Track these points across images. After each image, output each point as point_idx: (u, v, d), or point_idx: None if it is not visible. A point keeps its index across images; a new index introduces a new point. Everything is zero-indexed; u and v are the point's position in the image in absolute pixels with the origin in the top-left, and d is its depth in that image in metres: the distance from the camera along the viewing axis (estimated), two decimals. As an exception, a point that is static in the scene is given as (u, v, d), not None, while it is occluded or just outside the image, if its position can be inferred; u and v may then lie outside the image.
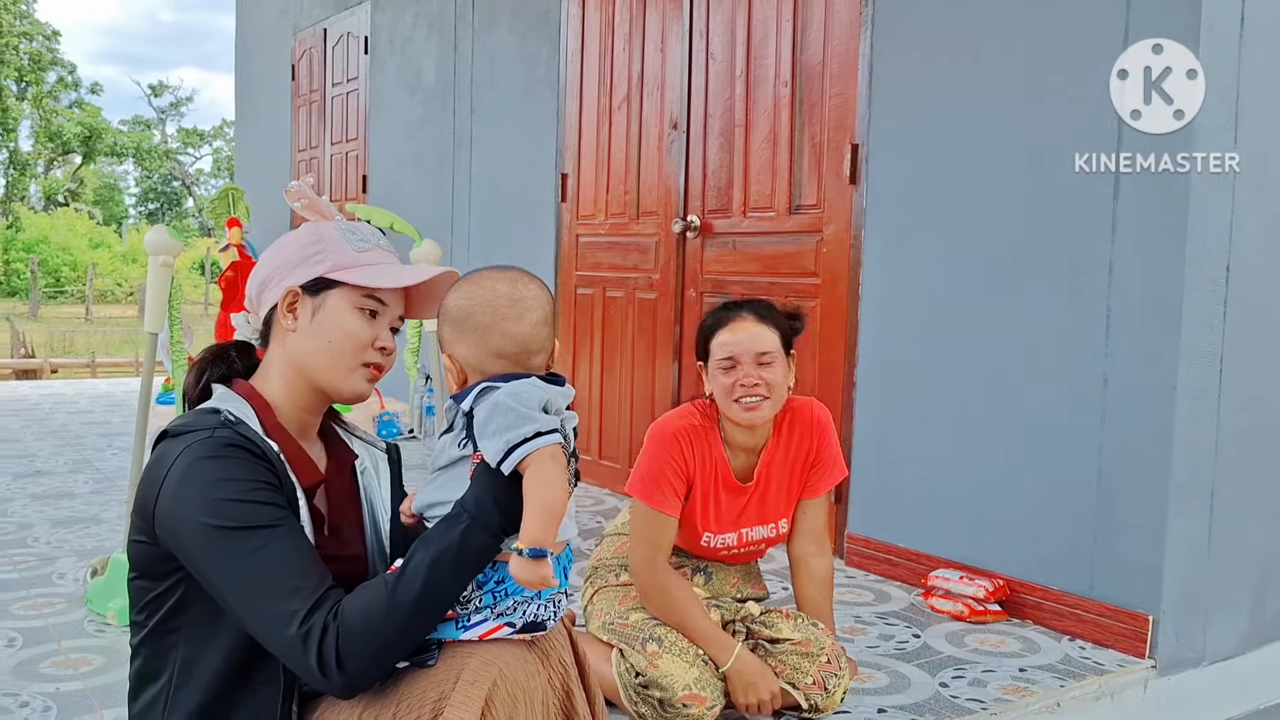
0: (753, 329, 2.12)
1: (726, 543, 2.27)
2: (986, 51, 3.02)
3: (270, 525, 1.32)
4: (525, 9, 5.07)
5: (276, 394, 1.48)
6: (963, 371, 3.10)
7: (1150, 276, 2.65)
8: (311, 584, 1.31)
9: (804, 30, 3.61)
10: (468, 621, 1.37)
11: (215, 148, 48.38)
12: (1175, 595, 2.67)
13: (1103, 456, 2.75)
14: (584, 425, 4.68)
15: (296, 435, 1.49)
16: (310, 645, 1.27)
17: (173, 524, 1.34)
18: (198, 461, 1.34)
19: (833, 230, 3.51)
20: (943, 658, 2.64)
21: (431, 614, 1.34)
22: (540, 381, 1.41)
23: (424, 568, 1.32)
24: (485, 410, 1.36)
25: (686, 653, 2.09)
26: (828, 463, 2.30)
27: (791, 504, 2.30)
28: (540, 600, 1.41)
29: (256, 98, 8.58)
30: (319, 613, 1.29)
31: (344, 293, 1.47)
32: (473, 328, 1.42)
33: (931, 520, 3.19)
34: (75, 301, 31.42)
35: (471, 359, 1.43)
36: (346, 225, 1.52)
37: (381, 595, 1.31)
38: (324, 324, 1.46)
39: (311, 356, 1.47)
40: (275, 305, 1.49)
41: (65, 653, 2.54)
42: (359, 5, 6.74)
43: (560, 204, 4.81)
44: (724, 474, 2.23)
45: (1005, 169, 2.97)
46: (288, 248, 1.51)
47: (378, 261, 1.50)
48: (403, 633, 1.32)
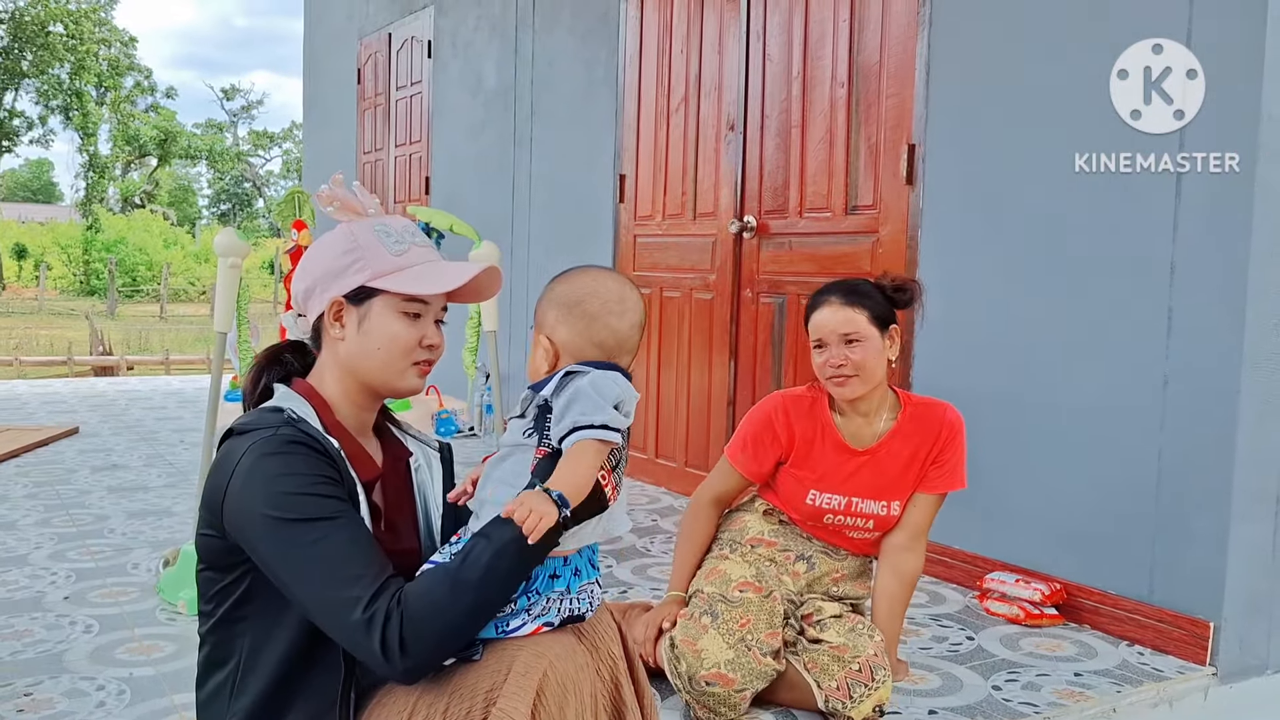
0: (839, 312, 2.25)
1: (833, 504, 2.32)
2: (1044, 52, 2.99)
3: (332, 517, 1.37)
4: (584, 11, 5.12)
5: (333, 393, 1.54)
6: (1020, 373, 3.07)
7: (1213, 277, 2.61)
8: (374, 572, 1.35)
9: (861, 31, 3.60)
10: (506, 626, 1.42)
11: (285, 149, 49.36)
12: (1238, 601, 2.62)
13: (1163, 459, 2.71)
14: (640, 424, 4.72)
15: (355, 432, 1.54)
16: (374, 630, 1.31)
17: (239, 518, 1.39)
18: (263, 458, 1.39)
19: (889, 231, 3.50)
20: (996, 660, 2.63)
21: (494, 600, 1.38)
22: (622, 378, 1.47)
23: (487, 554, 1.36)
24: (567, 396, 1.43)
25: (732, 634, 2.11)
26: (949, 464, 2.34)
27: (905, 489, 2.33)
28: (572, 594, 1.46)
29: (323, 101, 8.76)
30: (382, 598, 1.33)
31: (387, 299, 1.51)
32: (581, 314, 1.50)
33: (988, 522, 3.17)
34: (150, 300, 32.27)
35: (571, 344, 1.50)
36: (380, 225, 1.55)
37: (444, 582, 1.35)
38: (371, 332, 1.51)
39: (362, 362, 1.51)
40: (322, 313, 1.53)
41: (139, 639, 2.64)
42: (423, 10, 6.85)
43: (618, 205, 4.85)
44: (832, 436, 2.33)
45: (1063, 169, 2.93)
46: (326, 255, 1.53)
47: (416, 262, 1.53)
48: (466, 618, 1.36)
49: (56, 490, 4.31)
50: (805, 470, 2.33)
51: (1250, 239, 2.53)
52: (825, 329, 2.24)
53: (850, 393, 2.25)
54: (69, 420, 6.16)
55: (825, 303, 2.27)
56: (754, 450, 2.36)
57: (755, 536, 2.37)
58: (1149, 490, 2.74)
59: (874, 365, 2.24)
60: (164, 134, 42.91)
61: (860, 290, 2.28)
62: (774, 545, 2.36)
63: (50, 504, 4.07)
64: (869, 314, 2.24)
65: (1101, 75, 2.83)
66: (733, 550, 2.35)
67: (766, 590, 2.21)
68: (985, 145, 3.16)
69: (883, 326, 2.26)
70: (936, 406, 2.37)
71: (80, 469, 4.76)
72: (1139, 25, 2.74)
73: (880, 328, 2.25)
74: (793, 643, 2.22)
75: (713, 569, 2.30)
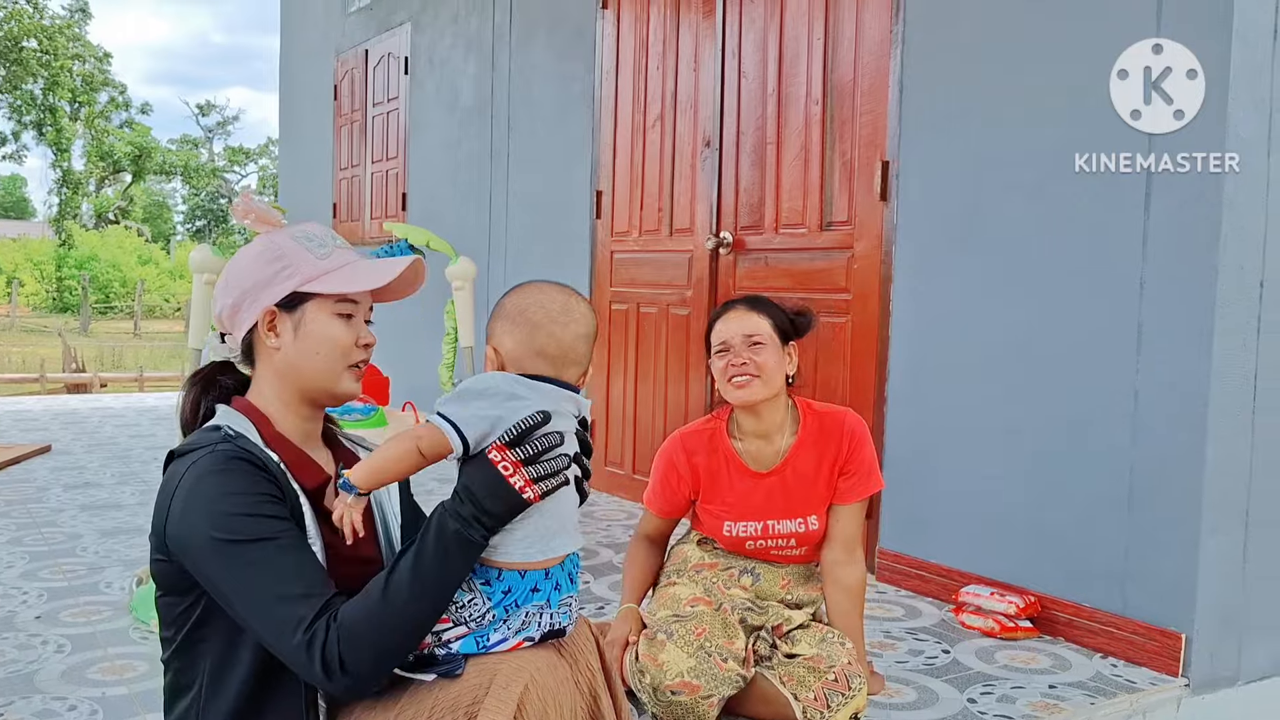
0: (743, 316, 2.31)
1: (750, 531, 2.35)
2: (1016, 68, 3.03)
3: (272, 537, 1.37)
4: (561, 27, 5.14)
5: (272, 406, 1.54)
6: (993, 387, 3.10)
7: (1181, 291, 2.64)
8: (315, 591, 1.36)
9: (835, 49, 3.64)
10: (486, 640, 1.43)
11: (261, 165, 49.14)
12: (1210, 613, 2.65)
13: (1134, 473, 2.74)
14: (617, 439, 4.72)
15: (298, 441, 1.55)
16: (314, 650, 1.32)
17: (182, 540, 1.39)
18: (202, 477, 1.40)
19: (863, 246, 3.53)
20: (972, 674, 2.64)
21: (427, 609, 1.38)
22: (516, 377, 1.47)
23: (410, 563, 1.37)
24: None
25: (691, 644, 2.13)
26: (859, 471, 2.34)
27: (819, 503, 2.34)
28: (553, 608, 1.47)
29: (300, 117, 8.75)
30: (321, 619, 1.34)
31: (320, 303, 1.51)
32: (524, 323, 1.51)
33: (963, 536, 3.19)
34: (124, 317, 32.02)
35: (515, 352, 1.51)
36: (300, 233, 1.55)
37: (376, 596, 1.36)
38: (309, 336, 1.51)
39: (302, 368, 1.52)
40: (254, 326, 1.53)
41: (111, 659, 2.61)
42: (400, 27, 6.86)
43: (595, 220, 4.87)
44: (736, 464, 2.36)
45: (1035, 185, 2.97)
46: (251, 268, 1.53)
47: (342, 264, 1.54)
48: (401, 631, 1.37)
49: (28, 508, 4.26)
50: (716, 504, 2.37)
51: (1217, 254, 2.57)
52: (729, 332, 2.29)
53: (751, 395, 2.26)
54: (41, 438, 6.10)
55: (729, 310, 2.35)
56: (664, 493, 2.43)
57: (698, 563, 2.42)
58: (1121, 503, 2.77)
59: (774, 370, 2.28)
60: (138, 150, 42.63)
61: (763, 302, 2.36)
62: (715, 566, 2.40)
63: (22, 522, 4.02)
64: (771, 322, 2.30)
65: (1077, 85, 2.87)
66: (679, 576, 2.40)
67: (717, 604, 2.24)
68: (958, 162, 3.20)
69: (783, 339, 2.31)
70: (837, 415, 2.38)
71: (52, 487, 4.71)
72: (1111, 41, 2.79)
73: (781, 339, 2.30)
74: (767, 657, 2.23)
75: (662, 595, 2.34)
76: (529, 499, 1.40)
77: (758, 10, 3.96)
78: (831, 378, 3.63)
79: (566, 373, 1.51)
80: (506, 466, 1.40)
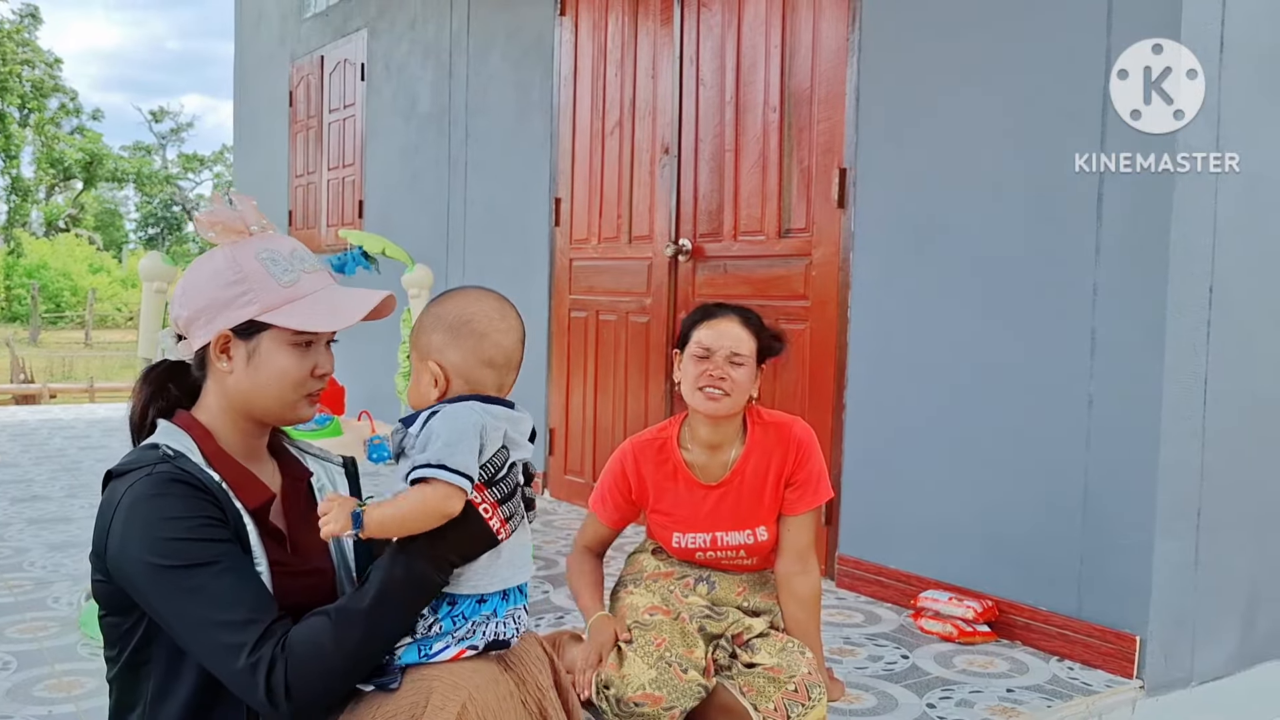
0: (734, 329, 2.27)
1: (698, 542, 2.34)
2: (971, 78, 3.06)
3: (212, 561, 1.33)
4: (519, 35, 5.13)
5: (217, 423, 1.48)
6: (951, 393, 3.12)
7: (1134, 299, 2.68)
8: (258, 616, 1.33)
9: (792, 57, 3.66)
10: (429, 649, 1.40)
11: (216, 173, 48.54)
12: (1163, 615, 2.68)
13: (1089, 477, 2.77)
14: (576, 447, 4.70)
15: (242, 458, 1.49)
16: (259, 676, 1.29)
17: (121, 564, 1.35)
18: (140, 501, 1.35)
19: (822, 254, 3.54)
20: (931, 679, 2.65)
21: (379, 643, 1.37)
22: (483, 405, 1.44)
23: (368, 599, 1.35)
24: (425, 433, 1.39)
25: (651, 654, 2.12)
26: (807, 481, 2.33)
27: (767, 514, 2.33)
28: (499, 618, 1.44)
29: (255, 124, 8.65)
30: (267, 644, 1.31)
31: (277, 333, 1.44)
32: (470, 333, 1.47)
33: (921, 542, 3.20)
34: (75, 326, 31.45)
35: (462, 365, 1.47)
36: (266, 252, 1.46)
37: (328, 627, 1.34)
38: (261, 367, 1.45)
39: (252, 397, 1.46)
40: (208, 344, 1.46)
41: (59, 676, 2.55)
42: (356, 33, 6.81)
43: (554, 228, 4.85)
44: (684, 475, 2.34)
45: (991, 193, 3.00)
46: (211, 285, 1.45)
47: (306, 292, 1.46)
48: (351, 662, 1.35)
49: (-28, 523, 4.16)
50: (665, 515, 2.36)
51: (1167, 259, 2.60)
52: (717, 341, 2.25)
53: (719, 409, 2.25)
54: (-13, 450, 5.96)
55: (722, 317, 2.29)
56: (611, 500, 2.39)
57: (653, 572, 2.40)
58: (1076, 508, 2.80)
59: (745, 389, 2.26)
60: (90, 157, 41.96)
61: (755, 318, 2.33)
62: (671, 575, 2.38)
63: (-35, 537, 3.92)
64: (757, 344, 2.28)
65: (1028, 100, 2.91)
66: (636, 585, 2.38)
67: (675, 613, 2.23)
68: (916, 169, 3.22)
69: (759, 360, 2.30)
70: (785, 425, 2.36)
71: (-2, 501, 4.60)
72: (1063, 53, 2.82)
73: (758, 361, 2.29)
74: (727, 667, 2.22)
75: (619, 605, 2.32)
76: (502, 539, 1.40)
77: (715, 18, 3.97)
78: (790, 384, 3.64)
79: (506, 380, 1.50)
80: (487, 509, 1.39)
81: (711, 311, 2.32)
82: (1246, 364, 2.84)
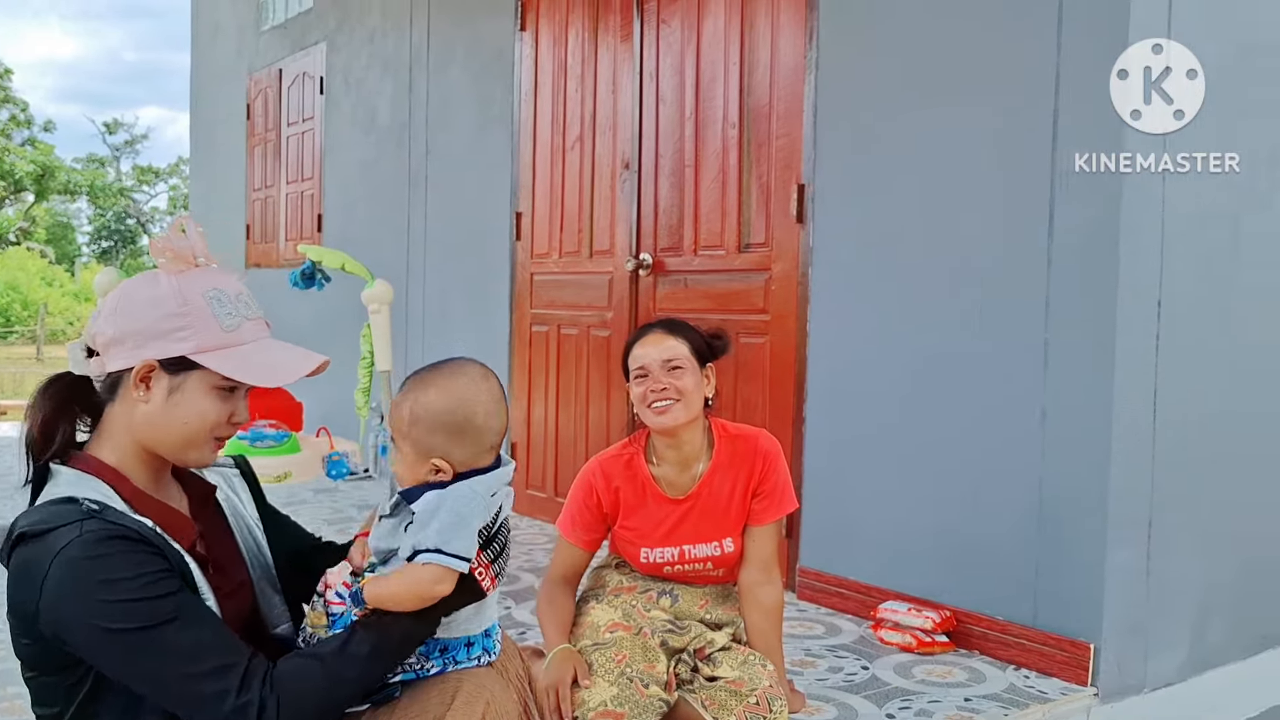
0: (661, 340, 2.30)
1: (666, 557, 2.34)
2: (927, 95, 3.11)
3: (171, 618, 1.28)
4: (479, 49, 5.13)
5: (123, 459, 1.42)
6: (909, 406, 3.16)
7: (1085, 312, 2.73)
8: (233, 659, 1.30)
9: (751, 73, 3.70)
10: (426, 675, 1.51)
11: (171, 185, 47.90)
12: (1116, 623, 2.72)
13: (1043, 489, 2.81)
14: (539, 462, 4.70)
15: (153, 490, 1.44)
16: (249, 718, 1.28)
17: (63, 631, 1.27)
18: (75, 563, 1.25)
19: (781, 268, 3.58)
20: (890, 689, 2.67)
21: (369, 686, 1.44)
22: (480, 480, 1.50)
23: (365, 652, 1.38)
24: (429, 512, 1.44)
25: (612, 673, 2.12)
26: (772, 492, 2.35)
27: (734, 526, 2.34)
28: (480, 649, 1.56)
29: (211, 137, 8.56)
30: (252, 685, 1.29)
31: (205, 375, 1.40)
32: (471, 429, 1.51)
33: (881, 553, 3.23)
34: (26, 342, 30.86)
35: (468, 458, 1.51)
36: (213, 291, 1.42)
37: (318, 670, 1.36)
38: (179, 405, 1.39)
39: (160, 434, 1.40)
40: (127, 368, 1.39)
41: (10, 698, 2.50)
42: (314, 46, 6.77)
43: (515, 242, 4.85)
44: (652, 490, 2.34)
45: (947, 208, 3.05)
46: (150, 311, 1.39)
47: (246, 340, 1.42)
48: (343, 702, 1.40)
49: (-81, 543, 4.06)
50: (632, 531, 2.36)
51: (1117, 274, 2.66)
52: (648, 358, 2.28)
53: (672, 420, 2.26)
54: (-67, 469, 5.83)
55: (648, 334, 2.33)
56: (583, 521, 2.38)
57: (616, 587, 2.40)
58: (1032, 519, 2.84)
59: (694, 394, 2.28)
60: (41, 169, 41.25)
61: (680, 325, 2.35)
62: (634, 589, 2.39)
63: (-89, 558, 3.83)
64: (689, 345, 2.30)
65: (982, 118, 2.96)
66: (597, 600, 2.38)
67: (636, 628, 2.22)
68: (872, 185, 3.26)
69: (701, 362, 2.31)
70: (750, 437, 2.38)
71: (-55, 520, 4.50)
72: (1016, 71, 2.88)
73: (699, 362, 2.30)
74: (689, 681, 2.23)
75: (580, 623, 2.32)
76: (487, 590, 1.48)
77: (675, 35, 4.01)
78: (751, 398, 3.66)
79: (500, 444, 1.57)
80: (480, 571, 1.46)
81: (639, 334, 2.36)
82: (1195, 377, 2.90)
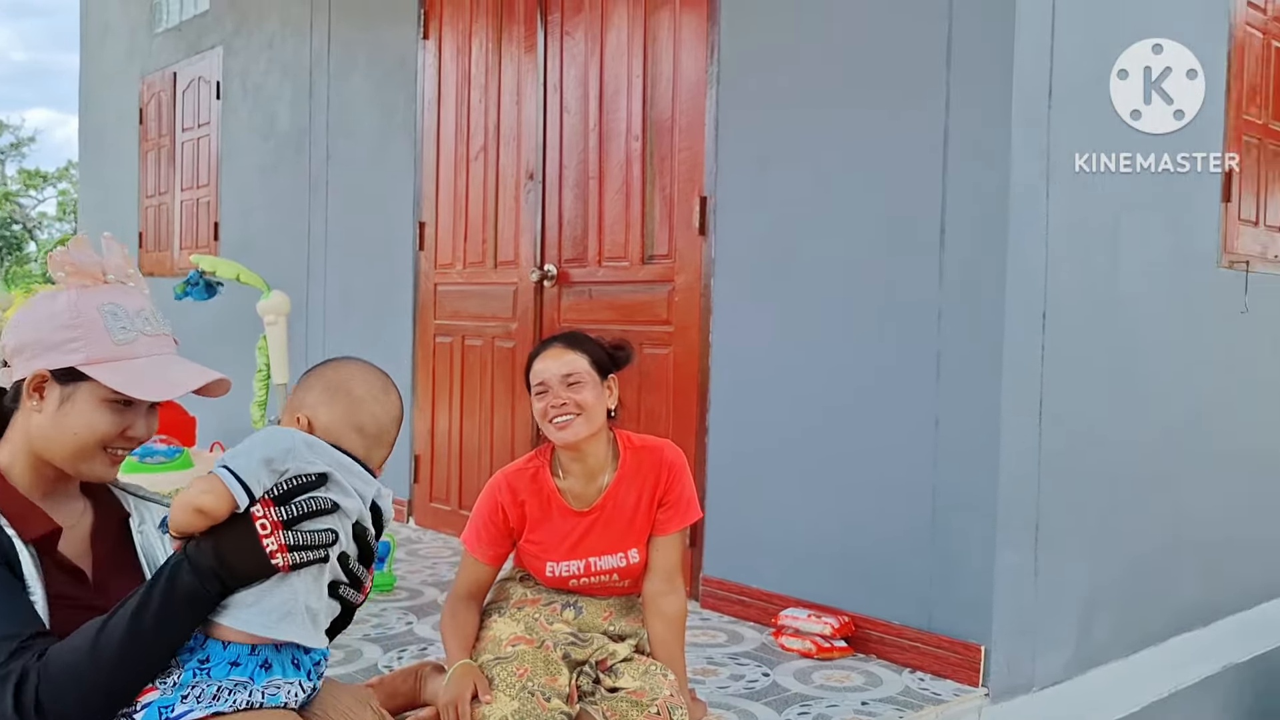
0: (561, 355, 2.29)
1: (572, 570, 2.33)
2: (825, 110, 3.18)
3: None
4: (381, 56, 5.07)
5: (11, 463, 1.45)
6: (808, 416, 3.21)
7: (974, 324, 2.82)
8: (14, 631, 1.30)
9: (653, 86, 3.73)
10: (171, 712, 1.32)
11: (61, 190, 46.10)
12: (1005, 625, 2.81)
13: (937, 495, 2.89)
14: (443, 474, 4.65)
15: (37, 493, 1.45)
16: (7, 689, 1.26)
17: None
18: None
19: (684, 280, 3.61)
20: (790, 695, 2.71)
21: (138, 660, 1.31)
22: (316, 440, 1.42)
23: (129, 618, 1.30)
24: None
25: (513, 687, 2.11)
26: (677, 502, 2.36)
27: (639, 536, 2.35)
28: (256, 685, 1.36)
29: (102, 141, 8.28)
30: (20, 659, 1.28)
31: (95, 387, 1.42)
32: (345, 396, 1.48)
33: (782, 561, 3.28)
34: (-99, 352, 29.38)
35: (332, 425, 1.47)
36: (111, 306, 1.45)
37: (86, 640, 1.29)
38: (69, 415, 1.42)
39: (52, 443, 1.43)
40: (25, 376, 1.43)
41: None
42: (210, 50, 6.60)
43: (418, 252, 4.80)
44: (558, 503, 2.34)
45: (843, 221, 3.12)
46: (44, 323, 1.43)
47: (140, 354, 1.44)
48: (107, 678, 1.29)
49: None
50: (538, 545, 2.35)
51: (1004, 286, 2.76)
52: (547, 373, 2.28)
53: (574, 435, 2.26)
54: None
55: (547, 350, 2.33)
56: (488, 536, 2.36)
57: (519, 600, 2.39)
58: (925, 525, 2.91)
59: (595, 407, 2.28)
60: (-81, 171, 39.35)
61: (580, 338, 2.36)
62: (537, 602, 2.38)
63: None
64: (589, 359, 2.30)
65: (882, 129, 3.04)
66: (500, 614, 2.36)
67: (538, 641, 2.22)
68: (774, 197, 3.32)
69: (602, 374, 2.32)
70: (655, 448, 2.40)
71: None
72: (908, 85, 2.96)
73: (600, 374, 2.31)
74: (591, 693, 2.23)
75: (483, 637, 2.30)
76: (278, 566, 1.32)
77: (579, 46, 4.02)
78: (654, 408, 3.68)
79: (375, 454, 1.50)
80: (265, 525, 1.32)
81: (539, 348, 2.35)
82: (1078, 387, 3.02)
